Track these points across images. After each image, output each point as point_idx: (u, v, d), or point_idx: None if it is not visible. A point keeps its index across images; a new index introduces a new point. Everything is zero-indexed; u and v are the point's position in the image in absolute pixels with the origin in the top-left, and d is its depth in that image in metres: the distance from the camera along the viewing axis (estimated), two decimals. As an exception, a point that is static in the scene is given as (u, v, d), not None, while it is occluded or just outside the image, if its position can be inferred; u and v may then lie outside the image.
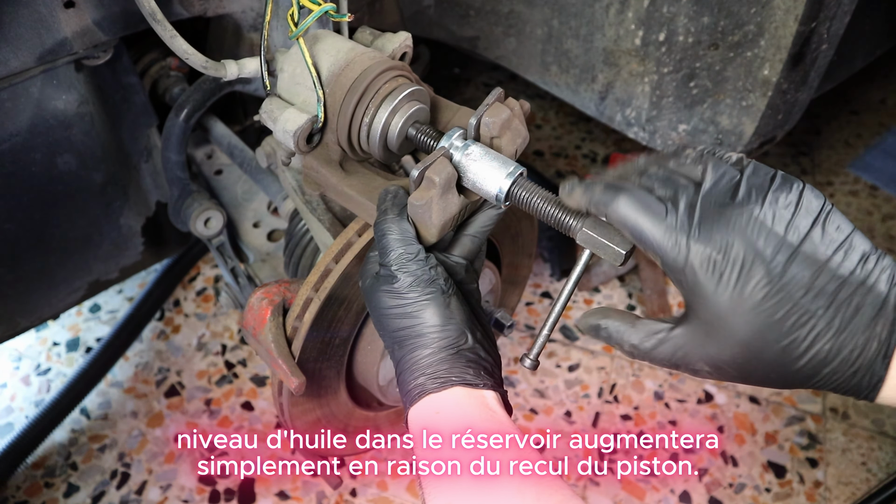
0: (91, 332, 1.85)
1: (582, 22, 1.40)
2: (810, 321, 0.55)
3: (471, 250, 0.82)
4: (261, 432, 1.64)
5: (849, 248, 0.56)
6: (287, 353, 0.99)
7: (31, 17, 1.00)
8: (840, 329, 0.55)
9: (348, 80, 0.81)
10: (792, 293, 0.55)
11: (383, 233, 0.76)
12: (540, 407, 1.72)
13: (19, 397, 1.72)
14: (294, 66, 0.85)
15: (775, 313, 0.55)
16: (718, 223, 0.57)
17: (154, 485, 1.57)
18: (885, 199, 2.31)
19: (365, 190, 0.86)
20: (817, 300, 0.55)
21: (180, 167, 1.34)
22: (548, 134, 2.52)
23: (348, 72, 0.82)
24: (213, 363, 1.79)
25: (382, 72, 0.82)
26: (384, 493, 1.56)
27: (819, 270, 0.55)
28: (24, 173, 1.15)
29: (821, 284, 0.55)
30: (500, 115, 0.78)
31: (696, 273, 0.58)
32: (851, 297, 0.55)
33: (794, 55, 1.24)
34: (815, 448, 1.66)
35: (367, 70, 0.81)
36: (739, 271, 0.56)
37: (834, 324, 0.55)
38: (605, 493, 1.58)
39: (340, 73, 0.82)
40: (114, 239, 1.37)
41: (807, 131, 2.54)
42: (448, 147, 0.77)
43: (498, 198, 0.75)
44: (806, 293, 0.55)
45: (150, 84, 1.44)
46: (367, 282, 0.77)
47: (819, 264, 0.55)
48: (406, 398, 0.71)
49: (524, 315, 1.91)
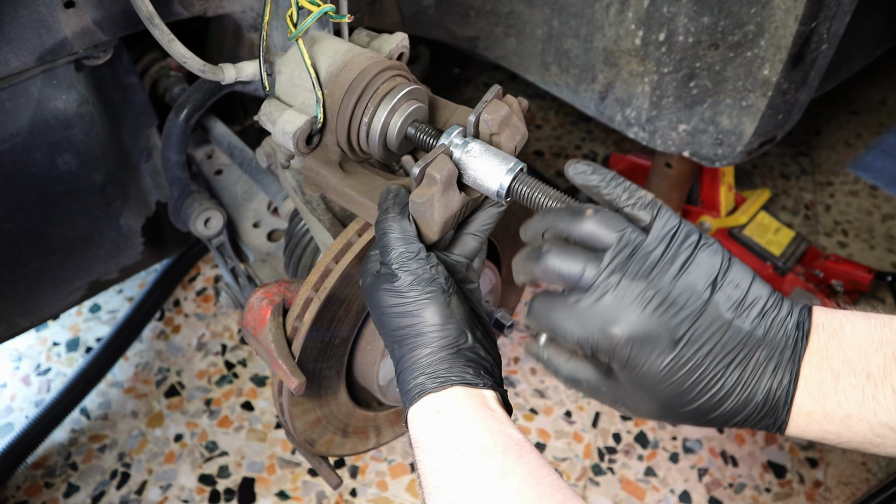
0: (91, 332, 1.85)
1: (582, 22, 1.40)
2: (718, 382, 0.58)
3: (471, 249, 0.82)
4: (260, 432, 1.64)
5: (748, 305, 0.59)
6: (287, 353, 0.98)
7: (31, 17, 1.00)
8: (746, 384, 0.58)
9: (346, 80, 0.81)
10: (700, 359, 0.58)
11: (384, 231, 0.76)
12: (540, 407, 1.72)
13: (19, 397, 1.72)
14: (292, 68, 0.85)
15: (685, 381, 0.59)
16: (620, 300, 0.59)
17: (154, 485, 1.57)
18: (885, 199, 2.31)
19: (365, 190, 0.86)
20: (723, 362, 0.58)
21: (180, 167, 1.34)
22: (548, 134, 2.52)
23: (346, 72, 0.82)
24: (213, 363, 1.79)
25: (380, 71, 0.82)
26: (384, 493, 1.56)
27: (721, 333, 0.58)
28: (24, 173, 1.15)
29: (724, 347, 0.58)
30: (499, 111, 0.78)
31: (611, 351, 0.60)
32: (752, 352, 0.58)
33: (794, 55, 1.24)
34: (815, 448, 1.66)
35: (365, 70, 0.81)
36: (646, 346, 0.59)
37: (740, 381, 0.58)
38: (605, 493, 1.58)
39: (338, 74, 0.82)
40: (114, 239, 1.37)
41: (807, 131, 2.54)
42: (448, 144, 0.77)
43: (499, 194, 0.75)
44: (713, 357, 0.58)
45: (150, 84, 1.44)
46: (368, 280, 0.77)
47: (721, 327, 0.58)
48: (406, 398, 0.71)
49: (524, 315, 1.91)
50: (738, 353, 0.58)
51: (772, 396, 0.58)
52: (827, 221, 2.23)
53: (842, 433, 0.59)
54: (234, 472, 1.59)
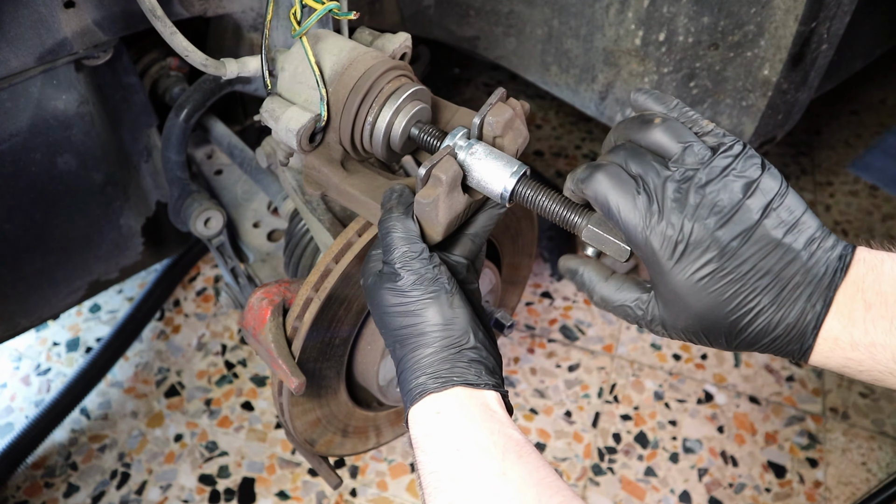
0: (91, 332, 1.85)
1: (582, 22, 1.40)
2: (756, 298, 0.61)
3: (471, 250, 0.83)
4: (260, 432, 1.64)
5: (798, 231, 0.61)
6: (287, 353, 0.98)
7: (31, 17, 1.00)
8: (781, 305, 0.60)
9: (351, 78, 0.81)
10: (741, 274, 0.60)
11: (388, 231, 0.76)
12: (540, 407, 1.72)
13: (19, 397, 1.72)
14: (296, 65, 0.85)
15: (725, 293, 0.61)
16: (678, 205, 0.62)
17: (154, 485, 1.57)
18: (885, 199, 2.31)
19: (368, 189, 0.86)
20: (763, 279, 0.60)
21: (180, 167, 1.34)
22: (548, 134, 2.52)
23: (351, 71, 0.82)
24: (213, 363, 1.79)
25: (385, 71, 0.82)
26: (384, 493, 1.56)
27: (767, 252, 0.60)
28: (24, 173, 1.15)
29: (767, 265, 0.60)
30: (504, 114, 0.78)
31: (655, 253, 0.63)
32: (793, 275, 0.60)
33: (794, 55, 1.24)
34: (815, 448, 1.66)
35: (370, 69, 0.81)
36: (694, 253, 0.61)
37: (777, 300, 0.60)
38: (605, 493, 1.58)
39: (343, 72, 0.82)
40: (114, 239, 1.37)
41: (807, 131, 2.54)
42: (452, 146, 0.77)
43: (503, 196, 0.75)
44: (754, 274, 0.60)
45: (150, 84, 1.44)
46: (370, 280, 0.77)
47: (768, 247, 0.60)
48: (406, 397, 0.71)
49: (524, 315, 1.91)
50: (778, 273, 0.60)
51: (803, 319, 0.60)
52: (827, 221, 2.23)
53: (864, 361, 0.60)
54: (234, 472, 1.59)
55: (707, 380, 1.78)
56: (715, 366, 1.81)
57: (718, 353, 1.84)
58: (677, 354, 1.83)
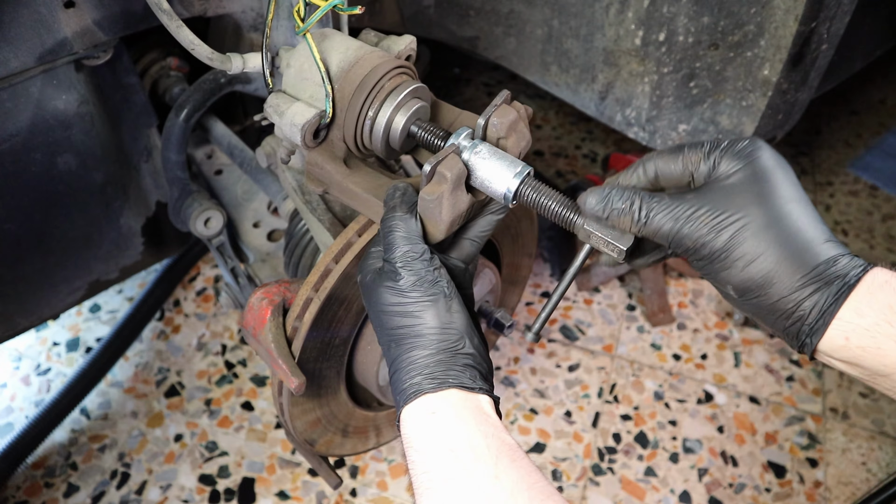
0: (91, 332, 1.85)
1: (582, 22, 1.40)
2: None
3: (469, 254, 0.83)
4: (260, 432, 1.64)
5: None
6: (287, 353, 0.98)
7: (31, 17, 1.00)
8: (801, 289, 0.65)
9: (358, 76, 0.81)
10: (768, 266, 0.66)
11: (390, 229, 0.76)
12: (540, 407, 1.72)
13: (19, 397, 1.72)
14: (301, 62, 0.85)
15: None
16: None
17: (154, 485, 1.57)
18: (885, 199, 2.31)
19: (370, 187, 0.86)
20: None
21: (180, 167, 1.34)
22: (548, 134, 2.52)
23: (358, 69, 0.82)
24: (213, 363, 1.79)
25: (391, 70, 0.82)
26: (384, 493, 1.56)
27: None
28: (24, 173, 1.15)
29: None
30: (508, 116, 0.79)
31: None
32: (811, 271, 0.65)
33: (794, 55, 1.24)
34: (815, 448, 1.66)
35: (377, 67, 0.82)
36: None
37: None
38: (606, 493, 1.58)
39: (350, 70, 0.82)
40: (114, 239, 1.37)
41: (807, 131, 2.54)
42: (456, 145, 0.78)
43: (506, 197, 0.76)
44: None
45: (150, 84, 1.44)
46: (368, 277, 0.77)
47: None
48: (400, 397, 0.71)
49: (524, 315, 1.91)
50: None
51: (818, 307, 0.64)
52: (827, 221, 2.22)
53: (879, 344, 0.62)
54: (234, 472, 1.59)
55: (707, 380, 1.78)
56: (715, 366, 1.81)
57: (718, 353, 1.84)
58: (677, 354, 1.83)
